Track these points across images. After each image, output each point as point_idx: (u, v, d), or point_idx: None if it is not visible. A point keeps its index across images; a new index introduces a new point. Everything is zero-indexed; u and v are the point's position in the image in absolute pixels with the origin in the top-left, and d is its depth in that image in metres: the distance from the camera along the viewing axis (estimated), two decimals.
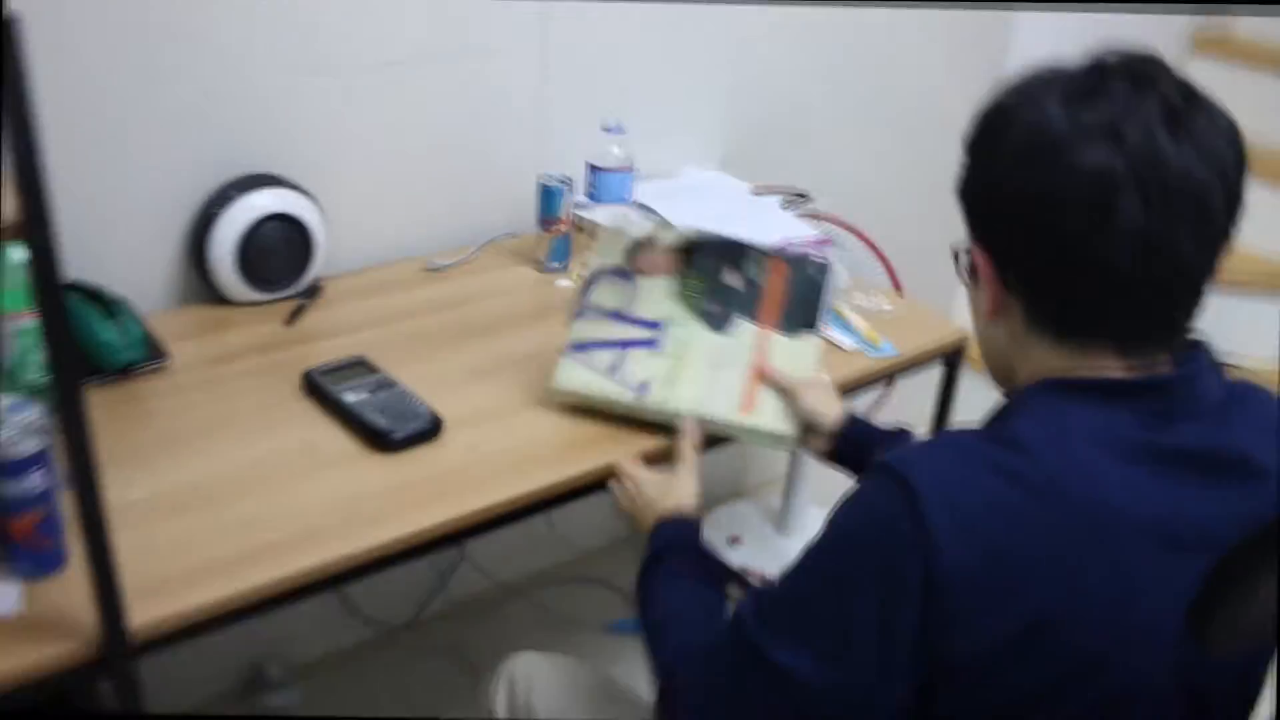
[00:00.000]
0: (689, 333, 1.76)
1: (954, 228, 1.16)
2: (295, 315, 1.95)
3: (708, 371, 1.72)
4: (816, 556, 1.11)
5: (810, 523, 2.74)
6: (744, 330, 1.77)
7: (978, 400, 2.91)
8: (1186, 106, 1.03)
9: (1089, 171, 1.01)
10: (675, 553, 1.45)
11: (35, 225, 0.96)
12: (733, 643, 1.15)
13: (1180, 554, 1.04)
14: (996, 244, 1.12)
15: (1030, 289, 1.11)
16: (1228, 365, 1.13)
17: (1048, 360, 1.11)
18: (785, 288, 1.81)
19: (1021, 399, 1.11)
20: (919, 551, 0.99)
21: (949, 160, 1.15)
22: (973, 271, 1.16)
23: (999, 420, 1.12)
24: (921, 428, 1.81)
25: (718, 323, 1.78)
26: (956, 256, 1.18)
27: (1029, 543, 1.00)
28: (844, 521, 1.09)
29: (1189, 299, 1.08)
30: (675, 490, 1.55)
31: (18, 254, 1.51)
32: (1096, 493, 1.02)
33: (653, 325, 1.76)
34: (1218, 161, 1.02)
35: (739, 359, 1.74)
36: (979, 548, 0.99)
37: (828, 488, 2.88)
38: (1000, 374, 1.20)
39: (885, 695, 1.05)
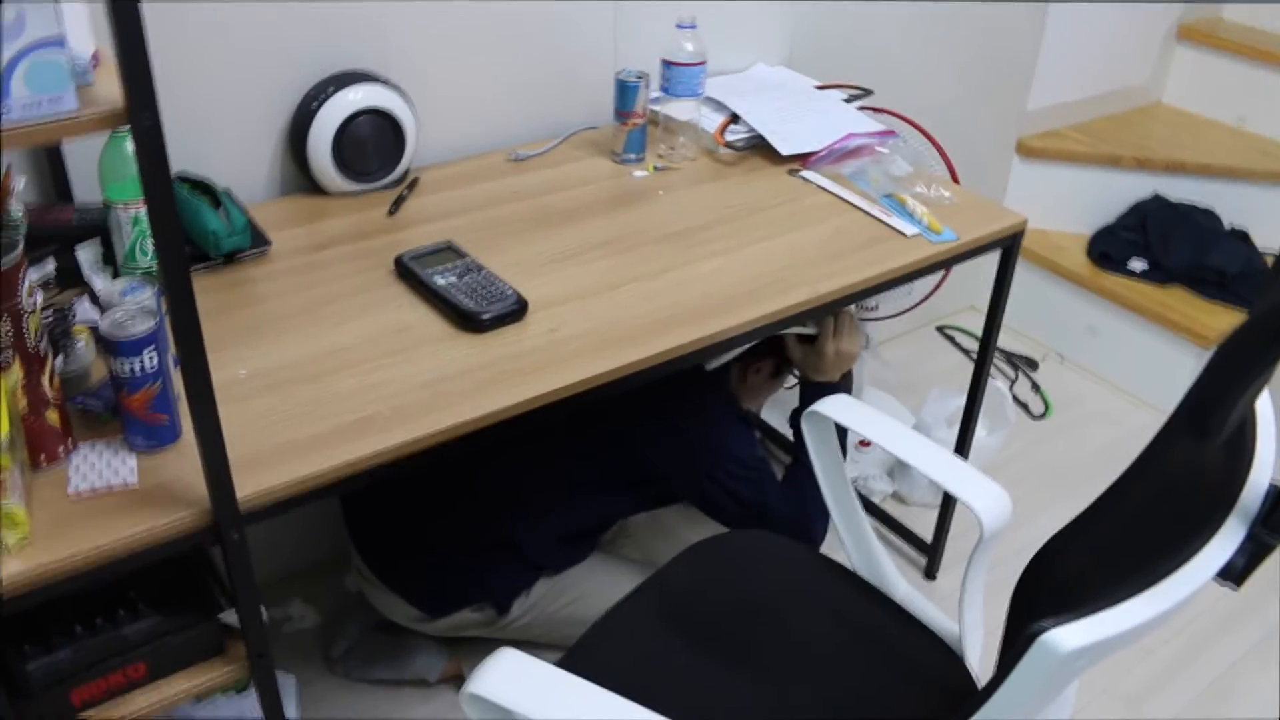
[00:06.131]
0: None
1: (1004, 129, 1.10)
2: (397, 205, 1.89)
3: None
4: None
5: (870, 401, 2.69)
6: None
7: (1030, 285, 2.84)
8: None
9: None
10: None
11: (140, 109, 0.90)
12: None
13: None
14: None
15: None
16: None
17: None
18: None
19: None
20: None
21: (1003, 64, 1.09)
22: None
23: None
24: (978, 315, 1.74)
25: None
26: None
27: None
28: None
29: None
30: None
31: (129, 145, 1.47)
32: None
33: None
34: None
35: None
36: None
37: (885, 370, 2.83)
38: None
39: None
